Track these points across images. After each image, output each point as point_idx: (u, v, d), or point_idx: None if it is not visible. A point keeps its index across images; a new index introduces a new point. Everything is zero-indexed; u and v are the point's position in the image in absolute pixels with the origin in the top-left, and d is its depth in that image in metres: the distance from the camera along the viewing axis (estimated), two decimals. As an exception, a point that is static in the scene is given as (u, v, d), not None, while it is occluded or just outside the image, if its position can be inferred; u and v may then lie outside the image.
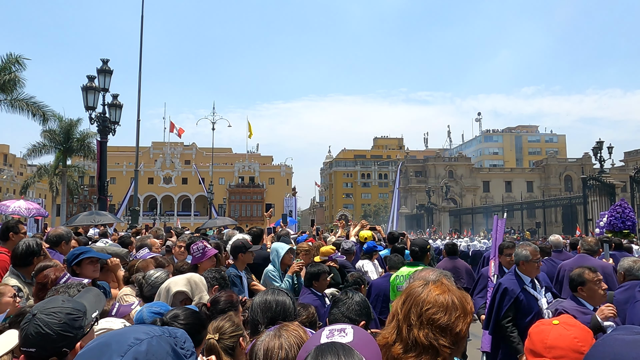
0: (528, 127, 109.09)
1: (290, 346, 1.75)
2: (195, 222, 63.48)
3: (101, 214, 11.68)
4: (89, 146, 32.25)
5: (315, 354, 1.33)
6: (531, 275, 4.55)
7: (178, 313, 2.44)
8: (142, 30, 19.10)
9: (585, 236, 6.91)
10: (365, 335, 1.54)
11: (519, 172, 73.31)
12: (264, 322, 2.17)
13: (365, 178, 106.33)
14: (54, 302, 1.87)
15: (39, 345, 1.79)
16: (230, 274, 5.06)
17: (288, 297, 2.25)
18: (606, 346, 1.24)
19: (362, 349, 1.39)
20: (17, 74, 23.59)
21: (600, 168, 27.71)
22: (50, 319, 1.80)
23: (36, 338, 1.79)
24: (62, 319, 1.81)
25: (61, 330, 1.79)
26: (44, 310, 1.82)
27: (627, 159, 67.00)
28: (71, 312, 1.84)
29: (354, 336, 1.50)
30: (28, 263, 4.08)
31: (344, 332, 1.52)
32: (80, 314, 1.87)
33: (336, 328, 1.56)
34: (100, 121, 13.77)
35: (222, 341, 2.34)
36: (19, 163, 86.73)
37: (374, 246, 7.45)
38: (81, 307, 1.91)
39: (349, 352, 1.32)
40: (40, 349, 1.80)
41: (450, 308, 1.56)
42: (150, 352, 1.13)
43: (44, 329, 1.78)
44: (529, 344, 1.78)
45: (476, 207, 52.13)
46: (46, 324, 1.79)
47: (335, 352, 1.31)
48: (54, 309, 1.83)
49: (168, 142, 77.65)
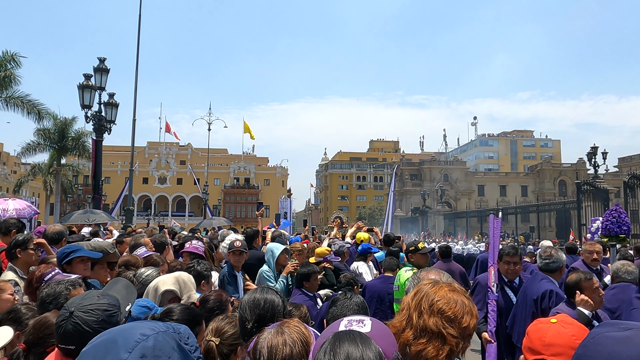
0: (523, 131, 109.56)
1: (294, 342, 1.72)
2: (190, 222, 63.28)
3: (96, 213, 11.63)
4: (84, 145, 32.09)
5: (333, 340, 1.32)
6: (558, 280, 4.57)
7: (172, 308, 2.43)
8: (139, 29, 19.08)
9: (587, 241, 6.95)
10: (383, 327, 1.56)
11: (514, 177, 73.53)
12: (252, 319, 2.15)
13: (360, 180, 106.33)
14: (89, 298, 1.89)
15: (79, 342, 1.78)
16: (225, 274, 5.05)
17: (277, 295, 2.22)
18: (598, 345, 1.21)
19: (379, 340, 1.40)
20: (13, 71, 23.47)
21: (594, 173, 27.86)
22: (88, 316, 1.81)
23: (75, 335, 1.80)
24: (100, 315, 1.83)
25: (100, 327, 1.79)
26: (81, 308, 1.83)
27: (621, 165, 67.35)
28: (107, 308, 1.87)
29: (371, 327, 1.52)
30: (13, 257, 4.19)
31: (362, 323, 1.54)
32: (115, 309, 1.89)
33: (355, 318, 1.58)
34: (96, 120, 13.72)
35: (221, 346, 2.29)
36: (12, 161, 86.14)
37: (369, 248, 7.44)
38: (115, 301, 1.93)
39: (366, 341, 1.32)
40: (80, 346, 1.80)
41: (459, 304, 1.64)
42: (157, 347, 1.13)
43: (83, 326, 1.79)
44: (527, 342, 1.81)
45: (471, 210, 52.24)
46: (85, 322, 1.80)
47: (353, 340, 1.32)
48: (91, 306, 1.84)
49: (163, 142, 77.43)
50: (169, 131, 61.21)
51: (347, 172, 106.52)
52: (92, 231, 9.71)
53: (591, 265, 6.23)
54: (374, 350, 1.31)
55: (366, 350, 1.29)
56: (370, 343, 1.32)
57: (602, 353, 1.18)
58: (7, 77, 23.17)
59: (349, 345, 1.29)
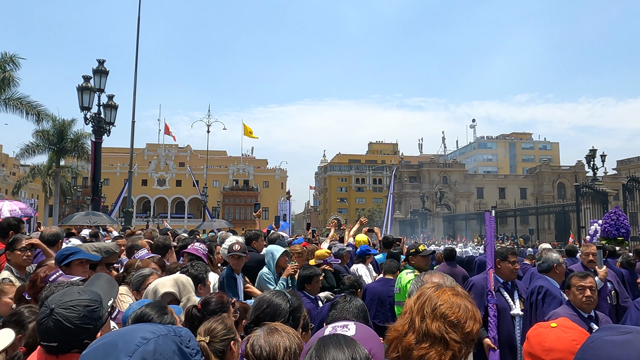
0: (522, 134, 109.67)
1: (276, 344, 1.76)
2: (189, 224, 63.21)
3: (97, 215, 11.62)
4: (83, 147, 32.10)
5: (318, 345, 1.31)
6: (559, 281, 4.61)
7: (146, 312, 2.44)
8: (138, 31, 19.07)
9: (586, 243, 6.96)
10: (368, 330, 1.56)
11: (513, 179, 73.61)
12: (249, 319, 2.17)
13: (359, 183, 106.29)
14: (70, 294, 1.86)
15: (61, 339, 1.79)
16: (225, 276, 5.05)
17: (287, 302, 2.20)
18: (597, 349, 1.20)
19: (365, 343, 1.40)
20: (12, 73, 23.48)
21: (593, 176, 27.87)
22: (69, 312, 1.79)
23: (56, 332, 1.78)
24: (81, 311, 1.80)
25: (82, 323, 1.79)
26: (62, 305, 1.81)
27: (620, 167, 67.48)
28: (89, 303, 1.84)
29: (356, 331, 1.52)
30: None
31: (347, 328, 1.54)
32: (97, 305, 1.86)
33: (339, 324, 1.58)
34: (95, 122, 13.72)
35: (213, 344, 2.30)
36: (11, 163, 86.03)
37: (367, 249, 7.44)
38: (97, 296, 1.90)
39: (351, 343, 1.31)
40: (62, 343, 1.79)
41: (462, 309, 1.62)
42: (157, 351, 1.12)
43: (64, 323, 1.77)
44: (528, 347, 1.79)
45: (470, 213, 52.24)
46: (66, 318, 1.78)
47: (338, 343, 1.30)
48: (71, 302, 1.82)
49: (162, 144, 77.33)
50: (168, 133, 61.13)
51: (346, 174, 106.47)
52: (92, 233, 9.71)
53: (588, 266, 6.27)
54: (360, 353, 1.29)
55: (352, 352, 1.28)
56: (356, 345, 1.31)
57: (602, 357, 1.17)
58: (6, 79, 23.19)
59: (334, 349, 1.27)
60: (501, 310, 4.48)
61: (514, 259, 4.72)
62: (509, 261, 4.70)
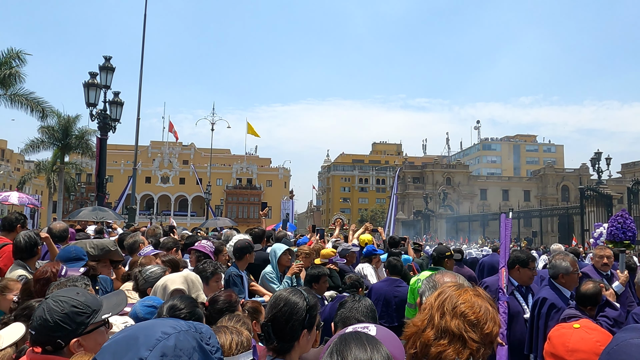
0: (526, 136, 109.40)
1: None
2: (192, 222, 63.30)
3: (104, 211, 11.62)
4: (87, 143, 32.15)
5: (339, 341, 1.28)
6: (571, 289, 4.43)
7: (176, 304, 2.44)
8: (144, 29, 19.12)
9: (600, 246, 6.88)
10: (388, 332, 1.54)
11: (517, 181, 73.42)
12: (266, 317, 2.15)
13: (363, 183, 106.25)
14: (70, 291, 1.86)
15: (37, 329, 1.77)
16: (231, 274, 5.04)
17: (304, 300, 2.13)
18: (622, 353, 1.19)
19: (386, 344, 1.37)
20: (18, 69, 23.53)
21: (597, 179, 27.79)
22: (54, 305, 1.78)
23: (37, 321, 1.77)
24: (65, 309, 1.78)
25: (59, 320, 1.76)
26: (54, 297, 1.80)
27: (624, 171, 67.18)
28: (77, 305, 1.81)
29: (377, 332, 1.50)
30: (33, 254, 4.18)
31: (367, 329, 1.51)
32: (87, 310, 1.82)
33: (359, 326, 1.56)
34: (100, 118, 13.75)
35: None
36: (16, 158, 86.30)
37: (373, 249, 7.43)
38: (93, 303, 1.86)
39: (374, 341, 1.29)
40: (37, 333, 1.77)
41: (483, 309, 1.62)
42: (177, 347, 1.11)
43: (45, 313, 1.76)
44: (550, 347, 1.77)
45: (473, 214, 52.15)
46: (49, 309, 1.77)
47: (360, 341, 1.28)
48: (63, 298, 1.81)
49: (166, 141, 77.48)
50: (171, 131, 61.26)
51: (350, 174, 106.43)
52: (97, 229, 9.74)
53: (601, 270, 6.18)
54: (382, 352, 1.27)
55: (374, 352, 1.25)
56: (378, 344, 1.28)
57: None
58: (12, 75, 23.23)
59: (355, 347, 1.25)
60: (514, 314, 4.45)
61: (534, 265, 4.73)
62: (529, 268, 4.68)
